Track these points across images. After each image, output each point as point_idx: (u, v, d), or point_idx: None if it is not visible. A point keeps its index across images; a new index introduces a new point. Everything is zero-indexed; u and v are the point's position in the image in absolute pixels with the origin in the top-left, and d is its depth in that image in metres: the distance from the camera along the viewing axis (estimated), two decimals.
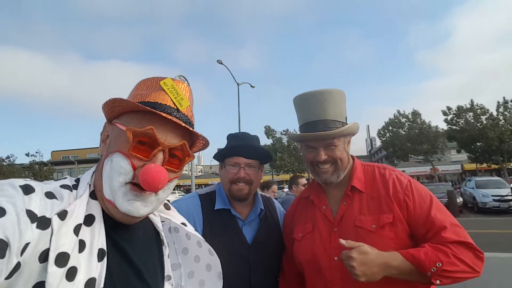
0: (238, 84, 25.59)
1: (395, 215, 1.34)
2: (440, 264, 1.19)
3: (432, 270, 1.20)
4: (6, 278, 0.61)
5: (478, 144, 31.01)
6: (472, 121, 31.14)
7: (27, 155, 34.68)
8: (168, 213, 1.09)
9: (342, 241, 1.22)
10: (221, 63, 23.26)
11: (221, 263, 1.14)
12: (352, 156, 1.57)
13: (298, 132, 1.52)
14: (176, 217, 1.10)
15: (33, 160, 34.54)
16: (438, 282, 1.21)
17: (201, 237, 1.11)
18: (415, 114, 36.03)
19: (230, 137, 1.74)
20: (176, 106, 0.87)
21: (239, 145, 1.65)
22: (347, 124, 1.47)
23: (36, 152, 36.30)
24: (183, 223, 1.09)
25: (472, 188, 17.40)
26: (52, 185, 0.78)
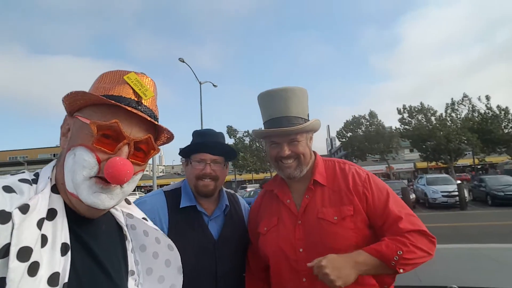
0: (200, 83, 25.31)
1: (355, 207, 1.41)
2: (401, 252, 1.27)
3: (394, 259, 1.27)
4: None
5: (428, 143, 33.12)
6: (424, 121, 33.18)
7: None
8: (128, 207, 1.08)
9: (310, 264, 1.27)
10: (183, 61, 22.87)
11: (188, 259, 1.13)
12: (314, 152, 1.62)
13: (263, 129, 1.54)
14: (136, 212, 1.09)
15: None
16: (401, 270, 1.29)
17: (160, 232, 1.10)
18: (372, 115, 37.80)
19: (196, 134, 1.73)
20: (141, 98, 0.87)
21: (205, 141, 1.65)
22: (309, 120, 1.52)
23: None
24: (144, 218, 1.09)
25: (424, 185, 18.54)
26: (9, 180, 0.76)
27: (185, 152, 1.67)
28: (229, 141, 38.65)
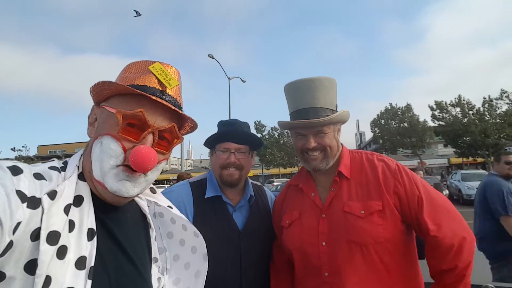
0: (229, 78, 25.46)
1: (385, 202, 1.35)
2: None
3: None
4: (0, 256, 0.62)
5: (464, 138, 31.62)
6: (460, 116, 31.69)
7: (13, 149, 33.97)
8: (154, 196, 1.10)
9: None
10: (212, 57, 23.09)
11: (212, 249, 1.15)
12: (341, 144, 1.58)
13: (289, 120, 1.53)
14: (162, 200, 1.11)
15: (19, 155, 33.81)
16: None
17: (186, 219, 1.12)
18: (408, 108, 36.45)
19: (221, 123, 1.74)
20: (165, 87, 0.88)
21: (230, 130, 1.66)
22: (337, 112, 1.48)
23: (23, 147, 35.59)
24: (169, 206, 1.11)
25: (458, 180, 17.74)
26: (40, 167, 0.79)
27: (209, 142, 1.68)
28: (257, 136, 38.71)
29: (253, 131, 1.87)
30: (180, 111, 0.89)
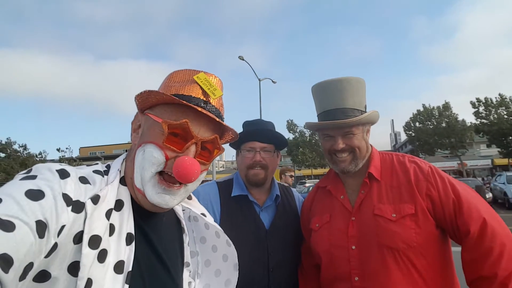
0: (259, 79, 25.55)
1: (418, 206, 1.30)
2: None
3: None
4: (45, 257, 0.65)
5: (510, 138, 29.64)
6: (505, 115, 29.77)
7: (58, 150, 36.01)
8: (189, 202, 1.11)
9: None
10: (243, 59, 23.28)
11: (240, 248, 1.15)
12: (370, 145, 1.54)
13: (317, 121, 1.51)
14: (196, 207, 1.12)
15: (63, 156, 35.83)
16: None
17: (219, 228, 1.12)
18: (446, 107, 34.70)
19: (246, 124, 1.76)
20: (209, 97, 0.89)
21: (253, 129, 1.67)
22: (366, 112, 1.44)
23: (66, 148, 37.75)
24: (202, 214, 1.11)
25: (503, 183, 16.66)
26: (85, 170, 0.82)
27: (235, 143, 1.68)
28: (289, 135, 38.59)
29: (285, 130, 1.86)
30: (222, 122, 0.90)
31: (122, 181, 0.87)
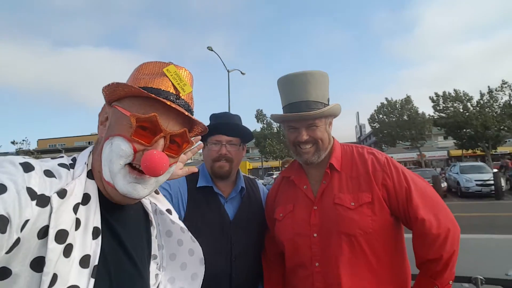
0: (228, 71, 25.36)
1: (374, 194, 1.39)
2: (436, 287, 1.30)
3: None
4: (7, 253, 0.63)
5: (464, 130, 31.62)
6: (460, 108, 31.65)
7: (13, 143, 33.96)
8: (156, 197, 1.11)
9: None
10: (211, 50, 22.97)
11: (204, 238, 1.15)
12: (332, 137, 1.60)
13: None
14: (163, 203, 1.12)
15: (19, 148, 33.85)
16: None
17: (184, 226, 1.12)
18: (408, 100, 36.42)
19: (212, 116, 1.77)
20: (179, 92, 0.88)
21: (220, 123, 1.68)
22: (329, 105, 1.50)
23: (23, 140, 35.62)
24: (168, 210, 1.11)
25: (457, 173, 17.79)
26: (50, 163, 0.79)
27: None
28: (257, 126, 38.79)
29: (254, 120, 1.88)
30: (193, 117, 0.89)
31: (90, 175, 0.85)
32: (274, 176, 28.50)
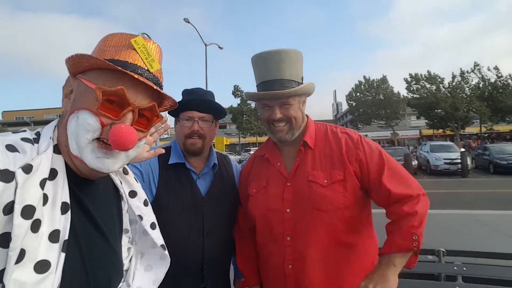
0: (205, 44, 24.74)
1: (346, 172, 1.43)
2: (416, 237, 1.32)
3: (414, 244, 1.33)
4: None
5: (436, 111, 32.76)
6: (433, 89, 32.59)
7: None
8: (125, 178, 1.09)
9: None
10: (188, 22, 22.22)
11: (176, 214, 1.15)
12: (306, 115, 1.62)
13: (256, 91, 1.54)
14: (130, 183, 1.10)
15: None
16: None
17: (144, 212, 1.09)
18: (384, 80, 37.10)
19: (185, 92, 1.73)
20: (147, 67, 0.85)
21: (193, 99, 1.66)
22: (302, 84, 1.50)
23: None
24: (132, 191, 1.09)
25: (427, 151, 18.54)
26: (12, 137, 0.76)
27: (173, 111, 1.66)
28: (235, 101, 38.49)
29: (230, 95, 1.87)
30: (161, 91, 0.87)
31: (56, 149, 0.82)
32: (251, 152, 28.62)
